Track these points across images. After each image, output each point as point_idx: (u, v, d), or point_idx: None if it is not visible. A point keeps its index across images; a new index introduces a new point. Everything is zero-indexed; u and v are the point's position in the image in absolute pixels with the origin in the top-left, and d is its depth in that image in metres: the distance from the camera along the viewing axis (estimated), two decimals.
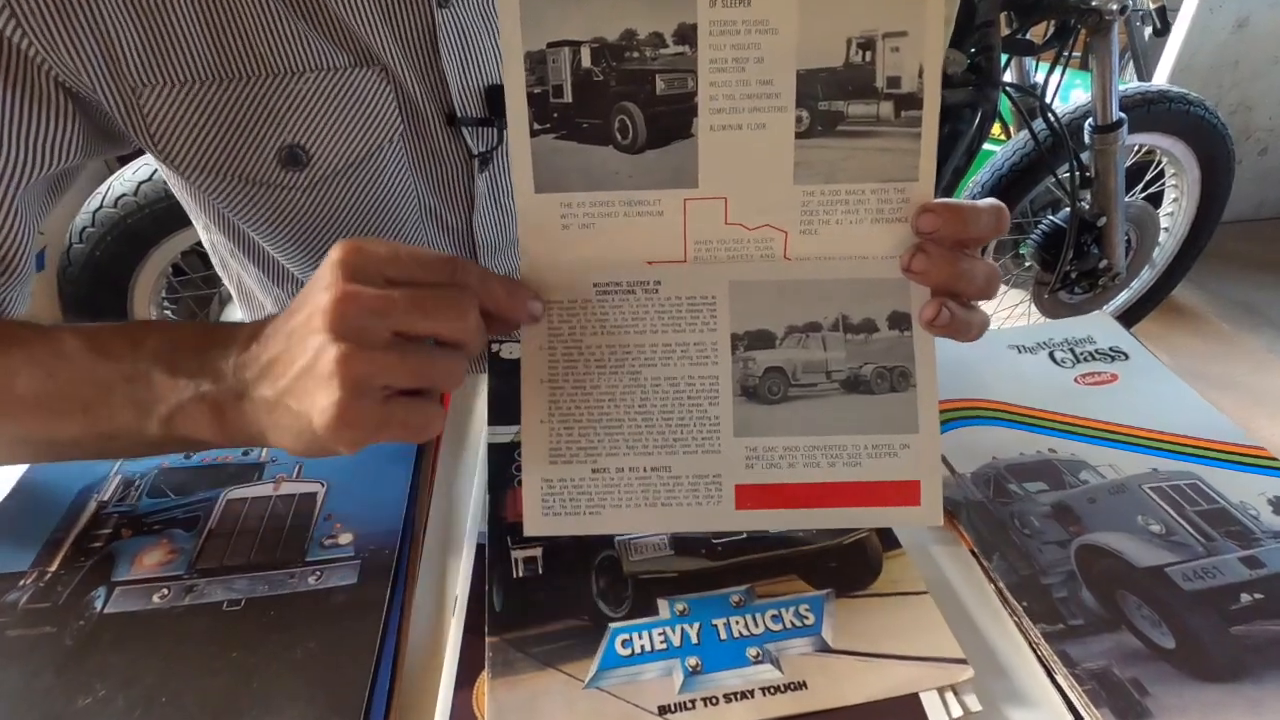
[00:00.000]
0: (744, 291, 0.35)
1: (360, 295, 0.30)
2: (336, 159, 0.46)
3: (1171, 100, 1.26)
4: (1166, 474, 0.42)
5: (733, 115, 0.33)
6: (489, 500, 0.41)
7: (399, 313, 0.30)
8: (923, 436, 0.35)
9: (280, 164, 0.45)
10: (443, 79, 0.47)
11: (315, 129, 0.45)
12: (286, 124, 0.44)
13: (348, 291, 0.30)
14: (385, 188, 0.48)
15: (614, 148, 0.34)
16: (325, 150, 0.45)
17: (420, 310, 0.30)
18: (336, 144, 0.45)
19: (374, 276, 0.30)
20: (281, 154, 0.45)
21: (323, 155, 0.45)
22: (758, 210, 0.35)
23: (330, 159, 0.46)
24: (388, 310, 0.30)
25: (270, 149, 0.44)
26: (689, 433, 0.35)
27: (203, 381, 0.33)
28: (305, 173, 0.45)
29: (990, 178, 1.26)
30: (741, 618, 0.35)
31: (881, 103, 0.33)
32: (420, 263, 0.32)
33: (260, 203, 0.46)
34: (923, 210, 0.34)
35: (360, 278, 0.30)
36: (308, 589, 0.36)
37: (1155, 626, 0.34)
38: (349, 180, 0.47)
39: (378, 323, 0.30)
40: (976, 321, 0.35)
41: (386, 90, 0.46)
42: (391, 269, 0.31)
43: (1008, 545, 0.39)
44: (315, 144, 0.45)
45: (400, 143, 0.48)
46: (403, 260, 0.31)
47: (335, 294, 0.30)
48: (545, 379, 0.35)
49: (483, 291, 0.32)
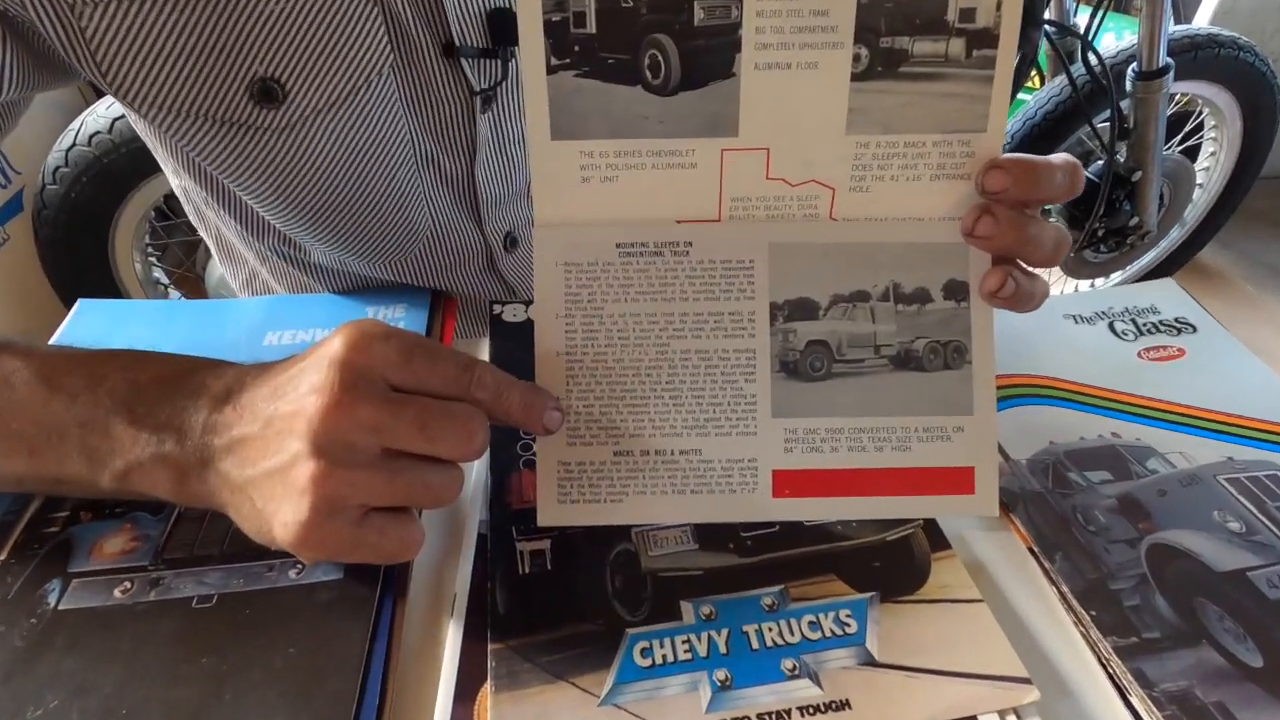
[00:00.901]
0: (785, 255, 0.31)
1: (355, 411, 0.26)
2: (317, 94, 0.40)
3: (1221, 45, 1.17)
4: (1243, 464, 0.38)
5: (781, 52, 0.29)
6: (490, 483, 0.37)
7: (396, 430, 0.27)
8: (978, 419, 0.32)
9: (252, 100, 0.39)
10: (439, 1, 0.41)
11: (291, 58, 0.39)
12: (257, 51, 0.38)
13: (341, 403, 0.26)
14: (374, 130, 0.43)
15: (643, 88, 0.29)
16: (304, 84, 0.39)
17: (423, 432, 0.27)
18: (316, 76, 0.39)
19: (376, 383, 0.27)
20: (253, 88, 0.39)
21: (301, 90, 0.39)
22: (804, 163, 0.31)
23: (310, 94, 0.40)
24: (382, 427, 0.27)
25: (240, 81, 0.38)
26: (722, 412, 0.31)
27: (166, 439, 0.29)
28: (282, 111, 0.40)
29: (1022, 127, 1.18)
30: (775, 624, 0.31)
31: (952, 39, 0.29)
32: (435, 370, 0.28)
33: (231, 147, 0.41)
34: (990, 166, 0.30)
35: (361, 385, 0.27)
36: (288, 584, 0.32)
37: (1240, 641, 0.31)
38: (332, 120, 0.41)
39: (369, 439, 0.27)
40: (1039, 292, 0.32)
41: (373, 12, 0.40)
42: (399, 375, 0.28)
43: (1070, 544, 0.35)
44: (291, 76, 0.39)
45: (391, 76, 0.42)
46: (416, 366, 0.28)
47: (326, 402, 0.26)
48: (562, 351, 0.31)
49: (496, 404, 0.29)
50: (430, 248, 0.50)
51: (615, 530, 0.35)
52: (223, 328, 0.48)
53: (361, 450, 0.27)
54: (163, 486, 0.30)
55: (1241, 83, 1.24)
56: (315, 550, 0.27)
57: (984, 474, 0.32)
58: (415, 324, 0.49)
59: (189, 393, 0.30)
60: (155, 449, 0.29)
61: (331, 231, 0.46)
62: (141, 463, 0.30)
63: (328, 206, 0.44)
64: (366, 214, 0.45)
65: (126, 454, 0.30)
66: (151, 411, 0.30)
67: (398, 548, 0.29)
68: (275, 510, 0.27)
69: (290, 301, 0.51)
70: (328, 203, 0.44)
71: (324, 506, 0.26)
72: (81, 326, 0.48)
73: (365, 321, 0.29)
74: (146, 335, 0.47)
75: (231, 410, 0.29)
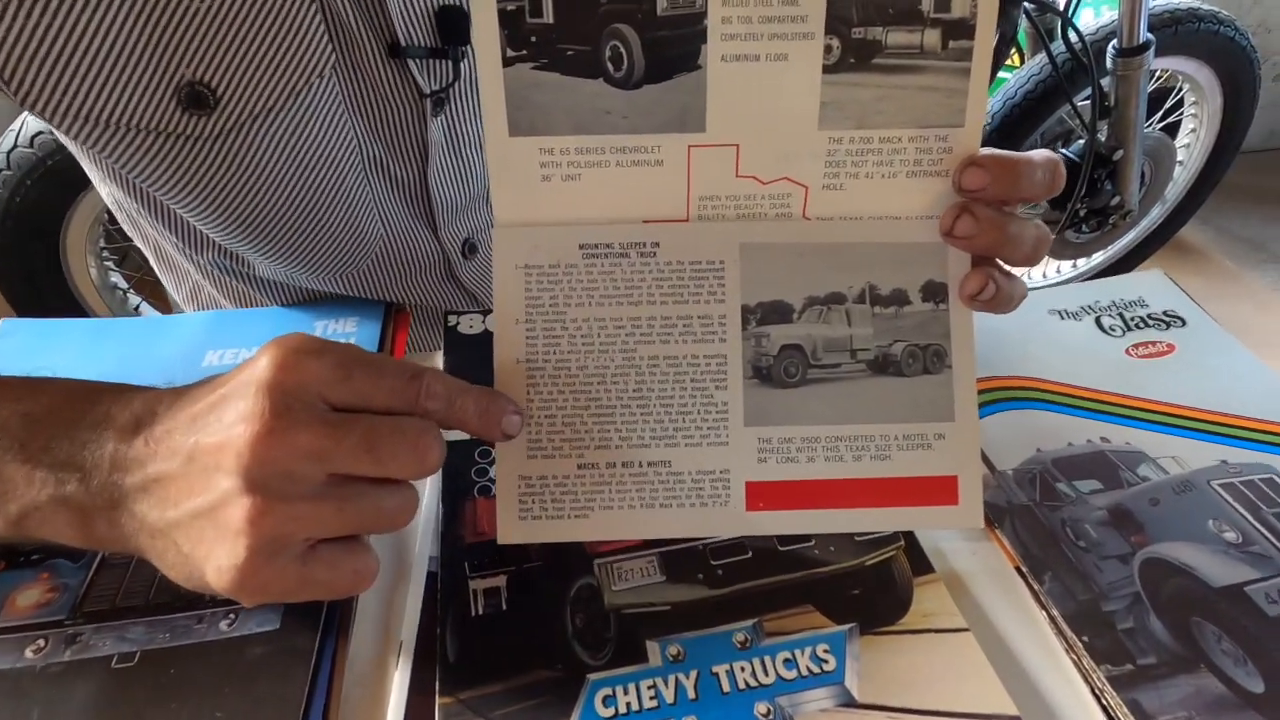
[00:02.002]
0: (757, 256, 0.30)
1: (292, 438, 0.23)
2: (252, 99, 0.36)
3: (1201, 19, 1.15)
4: (1238, 467, 0.36)
5: (749, 43, 0.27)
6: (442, 514, 0.34)
7: (340, 454, 0.24)
8: (960, 425, 0.30)
9: (180, 107, 0.35)
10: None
11: (221, 61, 0.35)
12: (183, 54, 0.34)
13: (274, 430, 0.23)
14: (317, 135, 0.39)
15: (605, 81, 0.28)
16: (237, 88, 0.36)
17: (371, 454, 0.24)
18: (251, 80, 0.36)
19: (313, 404, 0.24)
20: (180, 93, 0.35)
21: (234, 95, 0.36)
22: (775, 160, 0.29)
23: (244, 99, 0.36)
24: (324, 453, 0.24)
25: (165, 87, 0.35)
26: (692, 422, 0.29)
27: (66, 479, 0.26)
28: (213, 118, 0.36)
29: (1002, 106, 1.16)
30: (748, 663, 0.29)
31: (927, 30, 0.27)
32: (379, 384, 0.25)
33: (159, 158, 0.37)
34: (968, 163, 0.28)
35: (296, 408, 0.24)
36: (218, 637, 0.30)
37: (1240, 664, 0.29)
38: (270, 126, 0.38)
39: (311, 468, 0.24)
40: (1018, 293, 0.30)
41: (311, 11, 0.36)
42: (338, 392, 0.25)
43: (1060, 562, 0.33)
44: (223, 80, 0.36)
45: (333, 78, 0.39)
46: (356, 381, 0.25)
47: (257, 430, 0.23)
48: (522, 358, 0.29)
49: (449, 414, 0.26)
50: (383, 257, 0.47)
51: (576, 563, 0.32)
52: (158, 347, 0.45)
53: (303, 480, 0.24)
54: (65, 532, 0.27)
55: (1221, 57, 1.22)
56: (257, 595, 0.25)
57: (967, 483, 0.30)
58: (368, 338, 0.46)
59: (91, 424, 0.27)
60: (54, 490, 0.26)
61: (274, 245, 0.42)
62: (39, 506, 0.26)
63: (269, 218, 0.41)
64: (311, 225, 0.42)
65: (20, 496, 0.27)
66: (48, 447, 0.27)
67: (352, 581, 0.26)
68: (206, 555, 0.24)
69: (232, 317, 0.48)
70: (268, 214, 0.41)
71: (264, 547, 0.24)
72: (4, 350, 0.45)
73: (294, 336, 0.25)
74: (74, 357, 0.44)
75: (143, 444, 0.26)
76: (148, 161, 0.37)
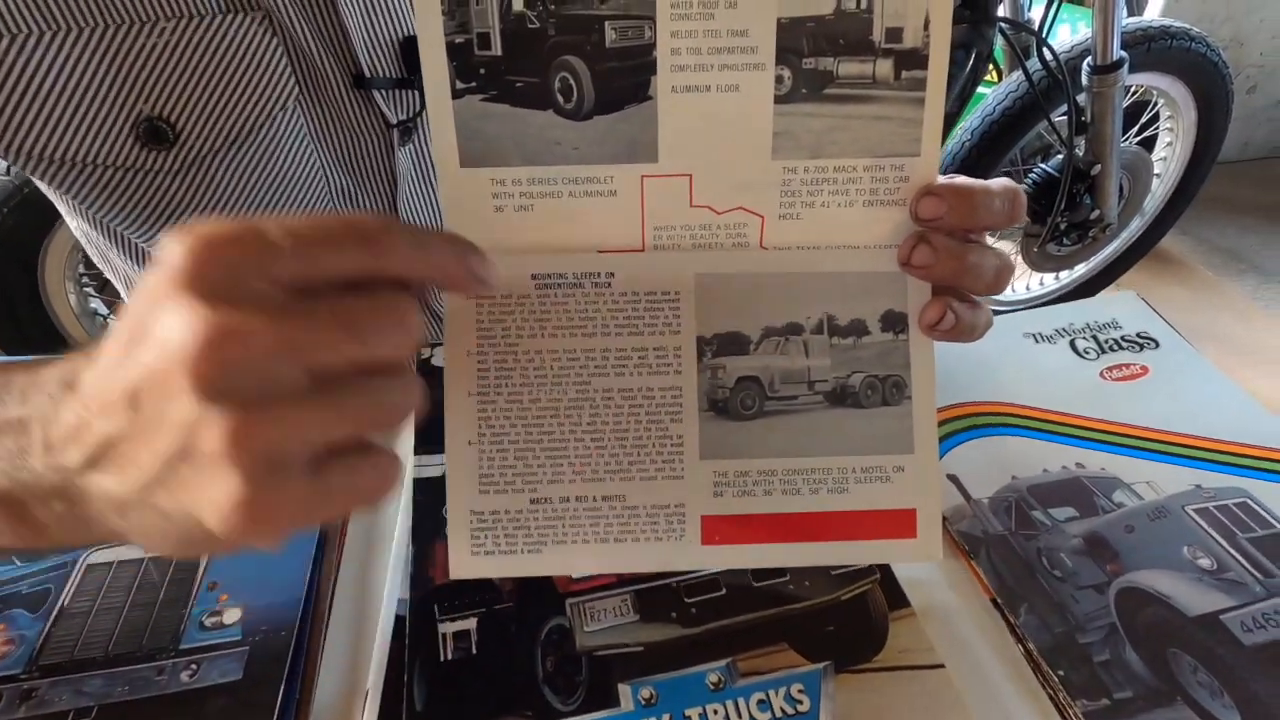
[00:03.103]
0: (713, 286, 0.29)
1: (248, 334, 0.18)
2: (213, 133, 0.36)
3: (1173, 37, 1.17)
4: (1212, 491, 0.36)
5: (699, 74, 0.27)
6: (412, 555, 0.34)
7: (315, 342, 0.19)
8: (919, 457, 0.30)
9: (138, 142, 0.35)
10: (343, 29, 0.38)
11: (181, 95, 0.35)
12: (141, 89, 0.34)
13: (222, 329, 0.18)
14: (281, 166, 0.39)
15: (555, 112, 0.27)
16: (197, 122, 0.36)
17: (350, 331, 0.20)
18: (211, 114, 0.36)
19: (257, 284, 0.19)
20: (139, 129, 0.35)
21: (194, 129, 0.36)
22: (729, 190, 0.29)
23: (205, 134, 0.36)
24: (295, 343, 0.19)
25: (123, 124, 0.35)
26: (647, 455, 0.29)
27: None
28: (174, 152, 0.36)
29: (981, 123, 1.17)
30: (721, 705, 0.29)
31: (879, 60, 0.27)
32: (329, 243, 0.20)
33: (118, 193, 0.37)
34: (924, 193, 0.28)
35: (238, 296, 0.19)
36: (179, 689, 0.29)
37: (1215, 696, 0.29)
38: (232, 158, 0.37)
39: (284, 365, 0.19)
40: (981, 323, 0.30)
41: (272, 43, 0.36)
42: (285, 264, 0.19)
43: (1036, 593, 0.32)
44: (183, 115, 0.35)
45: (296, 110, 0.39)
46: (303, 245, 0.20)
47: (200, 333, 0.18)
48: (474, 391, 0.29)
49: (420, 261, 0.22)
50: None
51: (548, 604, 0.32)
52: None
53: (280, 379, 0.19)
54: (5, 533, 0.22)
55: (1194, 73, 1.24)
56: (271, 528, 0.20)
57: (926, 517, 0.30)
58: None
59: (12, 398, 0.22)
60: None
61: None
62: None
63: None
64: None
65: None
66: None
67: (377, 482, 0.21)
68: (195, 502, 0.20)
69: None
70: None
71: (260, 467, 0.19)
72: None
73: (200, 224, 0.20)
74: None
75: (73, 409, 0.21)
76: (107, 196, 0.37)
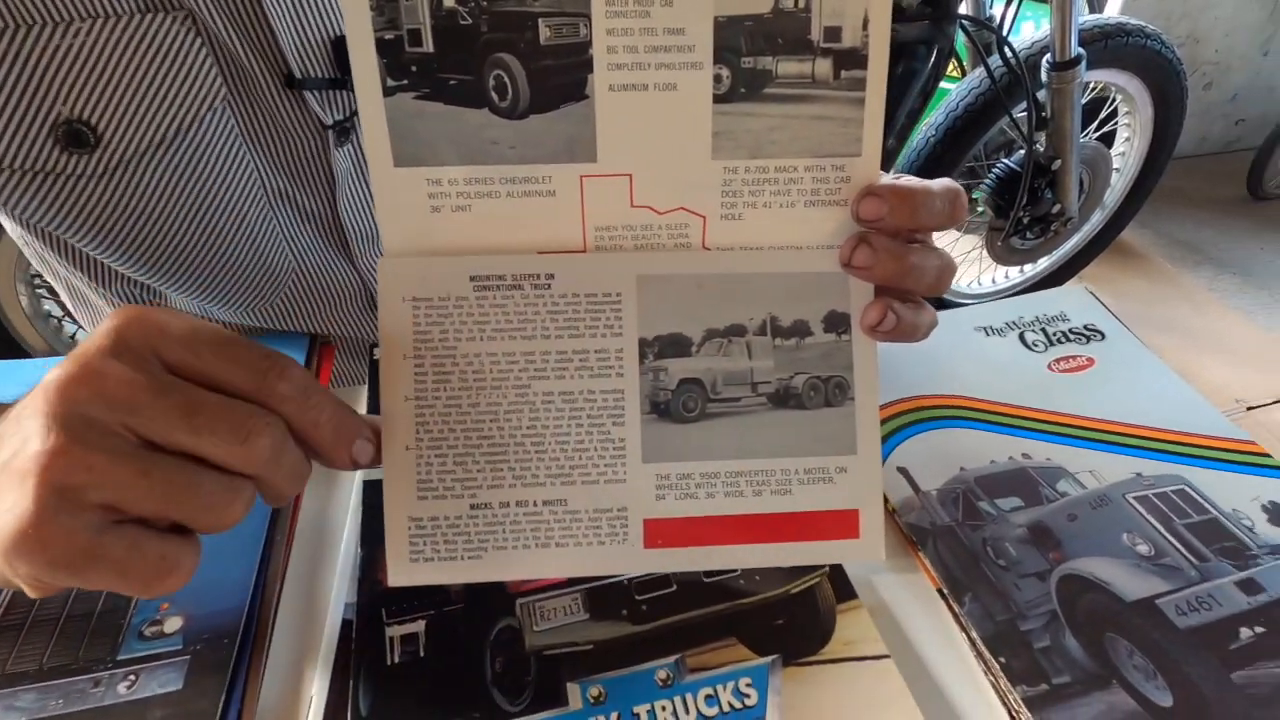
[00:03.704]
0: (655, 287, 0.29)
1: (103, 376, 0.21)
2: (137, 137, 0.35)
3: (1129, 34, 1.20)
4: (1152, 479, 0.37)
5: (636, 72, 0.27)
6: (361, 559, 0.33)
7: (151, 411, 0.22)
8: (862, 458, 0.30)
9: (58, 146, 0.34)
10: (270, 29, 0.37)
11: (102, 98, 0.34)
12: (58, 91, 0.33)
13: (88, 371, 0.22)
14: (212, 170, 0.38)
15: (490, 111, 0.27)
16: (120, 125, 0.35)
17: (187, 419, 0.22)
18: (135, 117, 0.35)
19: (146, 357, 0.23)
20: (58, 132, 0.34)
21: (117, 132, 0.35)
22: (670, 190, 0.29)
23: (128, 137, 0.35)
24: (133, 404, 0.21)
25: (40, 126, 0.34)
26: (588, 459, 0.29)
27: None
28: (96, 156, 0.35)
29: (944, 119, 1.18)
30: (669, 701, 0.29)
31: (818, 59, 0.27)
32: (224, 354, 0.23)
33: (41, 197, 0.36)
34: (865, 194, 0.28)
35: (127, 356, 0.22)
36: (116, 701, 0.28)
37: (1150, 679, 0.30)
38: (159, 162, 0.36)
39: (115, 417, 0.21)
40: (925, 323, 0.30)
41: (196, 44, 0.35)
42: (177, 353, 0.23)
43: (980, 583, 0.33)
44: (104, 118, 0.34)
45: (226, 112, 0.38)
46: (198, 345, 0.23)
47: (71, 371, 0.22)
48: (411, 395, 0.28)
49: (299, 413, 0.24)
50: (299, 289, 0.46)
51: (499, 604, 0.32)
52: None
53: (105, 430, 0.21)
54: None
55: (1150, 69, 1.27)
56: (38, 554, 0.21)
57: (869, 517, 0.30)
58: None
59: None
60: None
61: (178, 278, 0.41)
62: None
63: (169, 253, 0.40)
64: (214, 258, 0.41)
65: None
66: None
67: (154, 571, 0.22)
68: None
69: None
70: (168, 249, 0.39)
71: (52, 495, 0.20)
72: None
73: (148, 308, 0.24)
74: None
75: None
76: (30, 200, 0.36)
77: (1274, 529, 0.35)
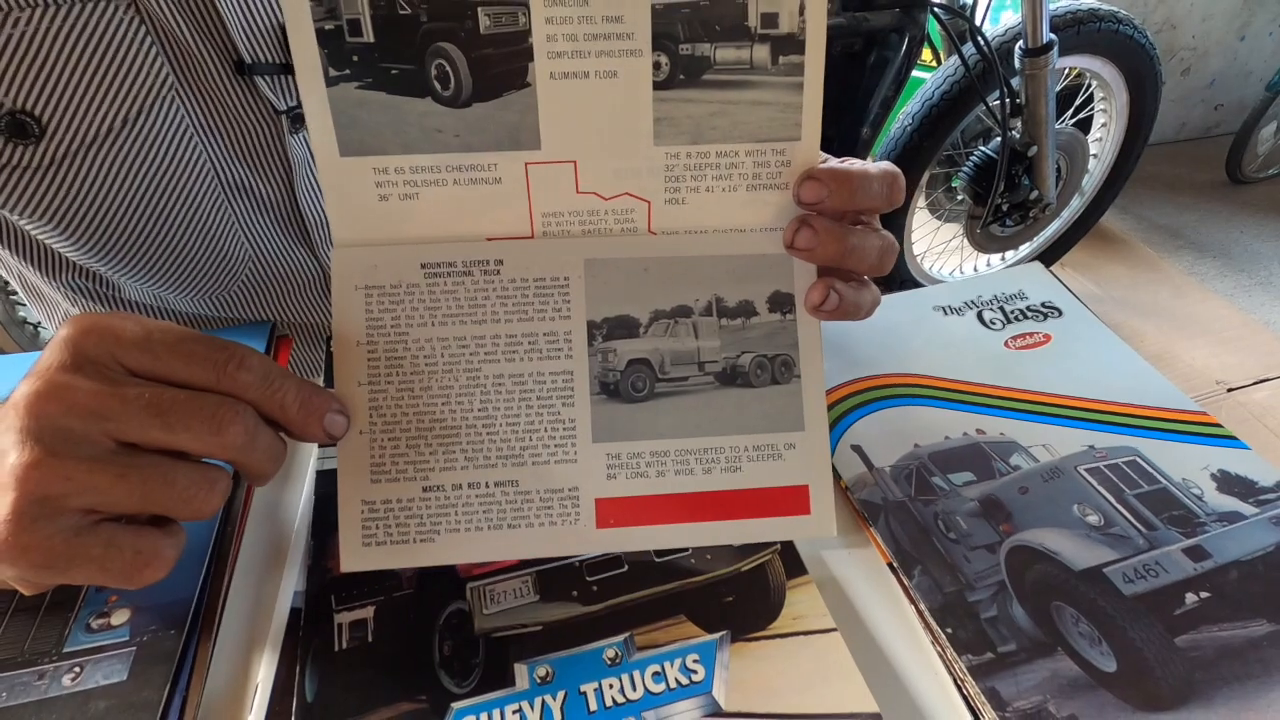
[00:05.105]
0: (602, 271, 0.29)
1: (71, 390, 0.22)
2: (84, 127, 0.35)
3: (1101, 19, 1.20)
4: (1104, 451, 0.38)
5: (576, 60, 0.27)
6: (311, 548, 0.33)
7: (124, 415, 0.23)
8: (810, 435, 0.30)
9: (2, 137, 0.34)
10: (218, 14, 0.37)
11: (45, 88, 0.34)
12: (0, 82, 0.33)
13: (56, 385, 0.22)
14: (162, 158, 0.38)
15: (433, 99, 0.27)
16: (65, 116, 0.35)
17: (159, 418, 0.23)
18: (80, 106, 0.35)
19: (107, 365, 0.23)
20: (1, 123, 0.34)
21: (63, 123, 0.35)
22: (614, 176, 0.29)
23: (75, 127, 0.35)
24: (106, 411, 0.22)
25: None
26: (539, 440, 0.29)
27: None
28: (42, 147, 0.35)
29: (920, 108, 1.19)
30: (616, 679, 0.29)
31: (755, 46, 0.27)
32: (181, 352, 0.24)
33: None
34: (805, 177, 0.29)
35: (87, 367, 0.23)
36: (60, 693, 0.28)
37: (1095, 645, 0.30)
38: (107, 152, 0.36)
39: (91, 426, 0.22)
40: (867, 302, 0.31)
41: (140, 32, 0.35)
42: (135, 357, 0.24)
43: (931, 556, 0.33)
44: (48, 109, 0.34)
45: (175, 101, 0.38)
46: (155, 347, 0.24)
47: (38, 387, 0.22)
48: (364, 381, 0.29)
49: (265, 397, 0.25)
50: (256, 277, 0.46)
51: (449, 588, 0.32)
52: None
53: (82, 440, 0.22)
54: None
55: (1123, 55, 1.27)
56: (19, 560, 0.22)
57: (819, 492, 0.30)
58: None
59: None
60: None
61: (132, 267, 0.41)
62: None
63: (122, 241, 0.40)
64: (167, 247, 0.41)
65: None
66: None
67: (132, 564, 0.23)
68: None
69: None
70: (121, 237, 0.39)
71: (30, 506, 0.22)
72: None
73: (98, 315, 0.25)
74: None
75: None
76: None
77: (1223, 497, 0.35)
